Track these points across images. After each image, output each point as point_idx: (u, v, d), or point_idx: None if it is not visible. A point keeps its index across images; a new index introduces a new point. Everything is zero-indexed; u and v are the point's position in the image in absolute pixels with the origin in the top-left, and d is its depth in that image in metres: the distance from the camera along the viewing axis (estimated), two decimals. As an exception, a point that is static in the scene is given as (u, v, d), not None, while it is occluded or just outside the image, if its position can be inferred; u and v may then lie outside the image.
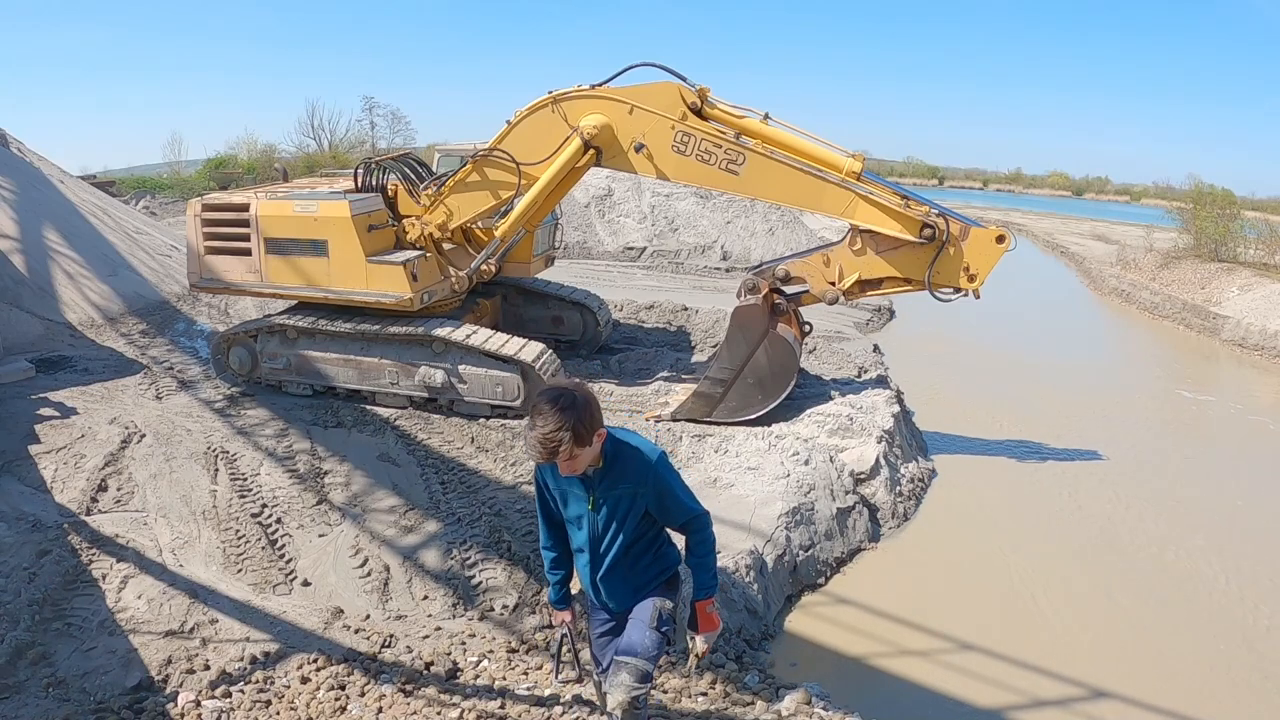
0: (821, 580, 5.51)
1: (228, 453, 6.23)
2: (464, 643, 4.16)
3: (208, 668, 3.80)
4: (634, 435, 2.78)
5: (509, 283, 8.92)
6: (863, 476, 6.40)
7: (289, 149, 33.29)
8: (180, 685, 3.69)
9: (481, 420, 7.11)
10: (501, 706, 3.64)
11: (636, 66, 6.81)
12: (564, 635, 3.06)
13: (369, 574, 4.75)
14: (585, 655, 3.17)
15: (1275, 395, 11.31)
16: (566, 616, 3.08)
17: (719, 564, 4.77)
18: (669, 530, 2.88)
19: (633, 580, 2.85)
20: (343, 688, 3.71)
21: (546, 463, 2.50)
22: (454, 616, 4.43)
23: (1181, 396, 10.86)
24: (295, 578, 4.66)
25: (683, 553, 2.91)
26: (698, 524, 2.80)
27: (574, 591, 3.14)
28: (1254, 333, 13.67)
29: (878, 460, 6.47)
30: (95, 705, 3.51)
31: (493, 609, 4.48)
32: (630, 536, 2.76)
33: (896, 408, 7.48)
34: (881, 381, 8.33)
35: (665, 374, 8.36)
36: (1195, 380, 12.21)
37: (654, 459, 2.71)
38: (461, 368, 7.06)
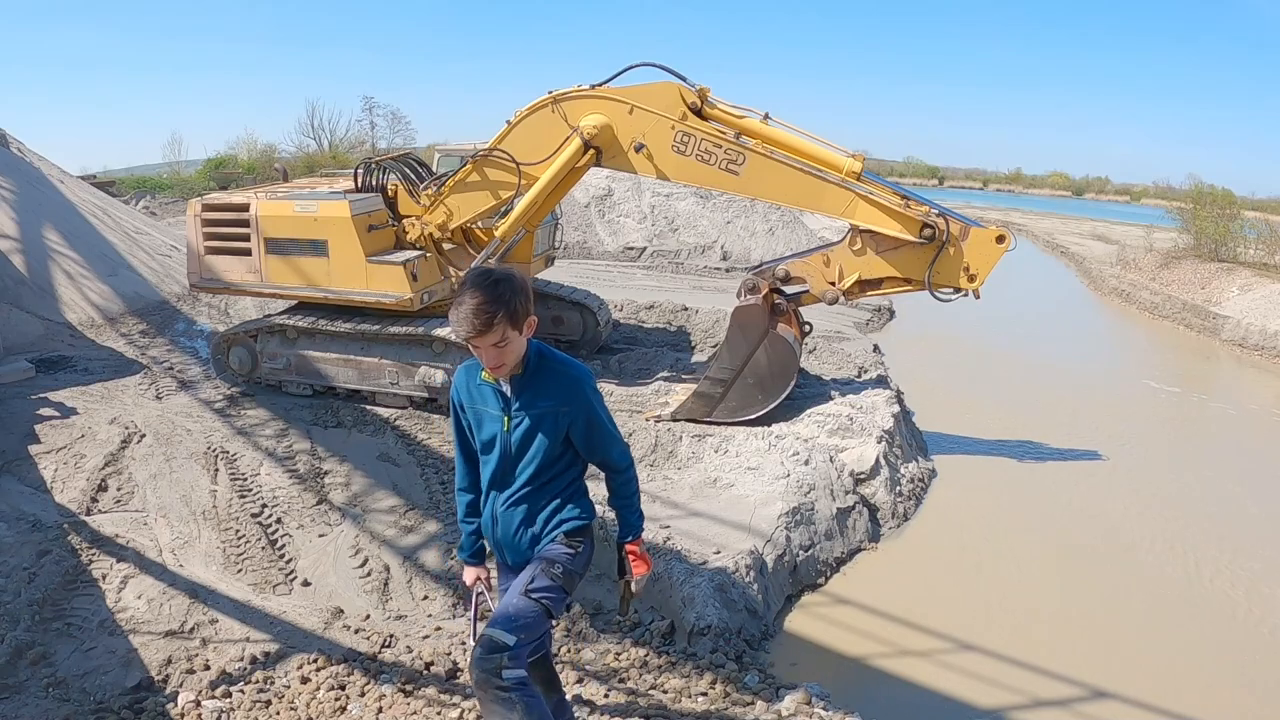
0: (821, 580, 5.51)
1: (228, 453, 6.23)
2: (464, 643, 4.15)
3: (208, 668, 3.80)
4: (559, 351, 2.58)
5: (509, 283, 8.91)
6: (863, 476, 6.40)
7: (289, 149, 33.30)
8: (180, 685, 3.68)
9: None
10: (482, 603, 3.62)
11: (636, 66, 6.81)
12: (479, 595, 2.79)
13: (369, 574, 4.75)
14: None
15: (1276, 395, 11.31)
16: (481, 573, 2.82)
17: (718, 564, 4.79)
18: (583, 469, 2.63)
19: (532, 521, 2.55)
20: (343, 688, 3.71)
21: (473, 340, 2.28)
22: (454, 616, 4.43)
23: (1181, 396, 10.85)
24: (295, 578, 4.66)
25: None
26: (623, 461, 2.61)
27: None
28: (1254, 333, 13.67)
29: (878, 460, 6.47)
30: (95, 705, 3.51)
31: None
32: (543, 461, 2.49)
33: (896, 408, 7.48)
34: (881, 381, 8.33)
35: (665, 374, 8.36)
36: (1195, 380, 12.21)
37: (584, 377, 2.51)
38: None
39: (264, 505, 5.44)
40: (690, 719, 3.70)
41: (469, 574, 2.85)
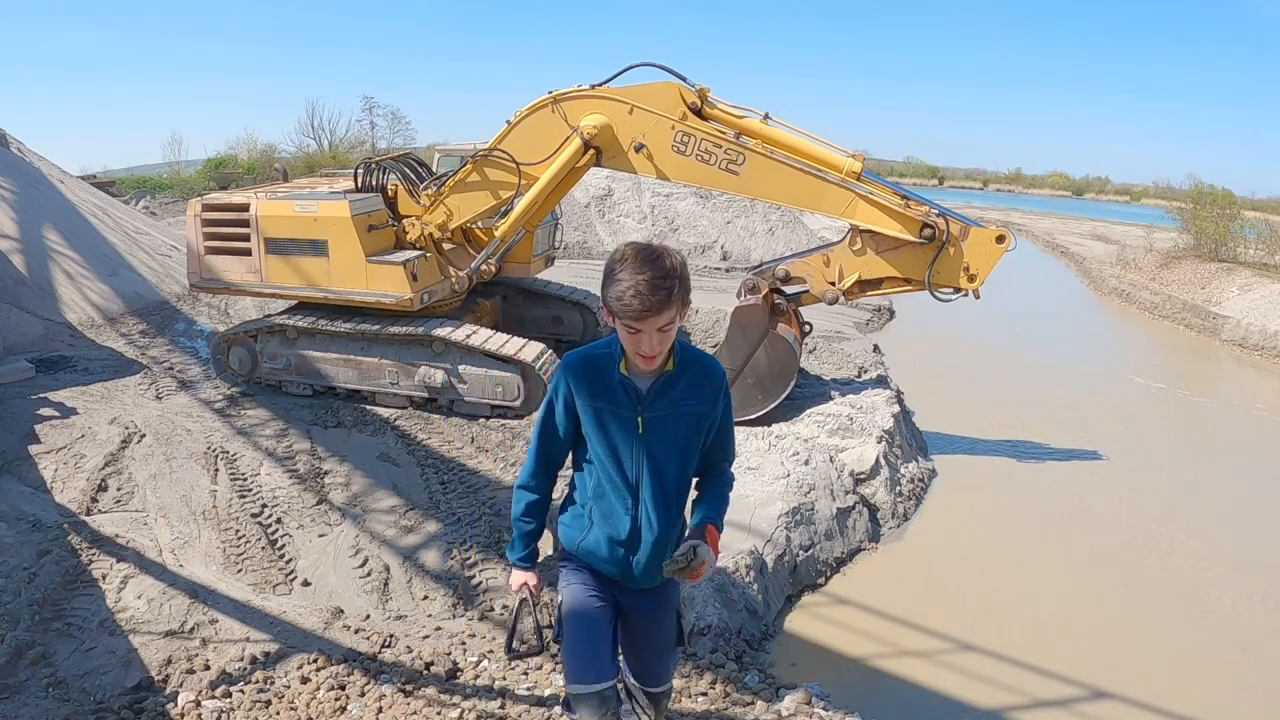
0: (821, 580, 5.51)
1: (228, 453, 6.23)
2: (464, 643, 4.16)
3: (208, 668, 3.80)
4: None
5: (509, 283, 8.92)
6: (863, 476, 6.40)
7: (289, 149, 33.34)
8: (180, 685, 3.68)
9: (481, 420, 7.11)
10: (501, 706, 3.64)
11: (636, 66, 6.81)
12: (523, 601, 2.51)
13: (369, 574, 4.75)
14: (538, 624, 2.59)
15: (1276, 395, 11.31)
16: (531, 580, 2.51)
17: (718, 564, 4.78)
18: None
19: (672, 547, 2.29)
20: (343, 688, 3.71)
21: (643, 321, 1.97)
22: (454, 616, 4.43)
23: (1182, 396, 10.85)
24: (295, 578, 4.66)
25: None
26: (730, 469, 2.46)
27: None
28: (1254, 333, 13.67)
29: (878, 460, 6.47)
30: (95, 705, 3.50)
31: (493, 609, 4.48)
32: (686, 470, 2.28)
33: (896, 408, 7.48)
34: (881, 381, 8.33)
35: (665, 374, 8.35)
36: (1195, 380, 12.20)
37: (721, 370, 2.27)
38: (461, 368, 7.06)
39: (264, 505, 5.44)
40: (690, 719, 3.70)
41: (518, 578, 2.53)
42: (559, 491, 2.54)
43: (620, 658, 2.52)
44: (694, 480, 2.40)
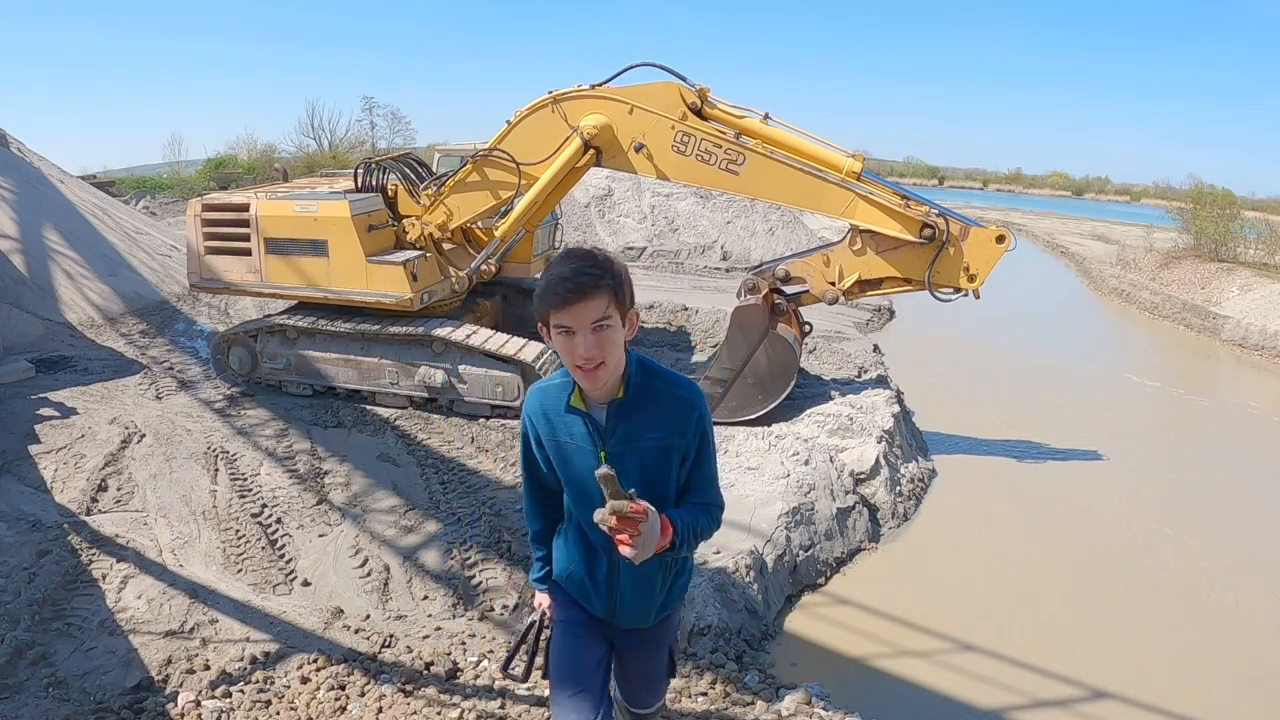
0: (821, 580, 5.51)
1: (228, 453, 6.23)
2: (464, 643, 4.16)
3: (208, 668, 3.80)
4: (661, 365, 2.10)
5: (509, 283, 8.92)
6: (863, 476, 6.40)
7: (289, 149, 33.34)
8: (180, 685, 3.68)
9: (481, 420, 7.11)
10: (501, 706, 3.64)
11: (636, 66, 6.81)
12: (533, 624, 2.44)
13: (369, 574, 4.75)
14: (531, 654, 2.52)
15: (1276, 395, 11.31)
16: (545, 602, 2.44)
17: (718, 564, 4.79)
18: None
19: (653, 585, 2.19)
20: (343, 688, 3.71)
21: (569, 310, 1.82)
22: (454, 616, 4.43)
23: (1181, 396, 10.85)
24: (295, 578, 4.66)
25: None
26: (719, 504, 2.16)
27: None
28: (1254, 333, 13.67)
29: (878, 460, 6.47)
30: (95, 705, 3.51)
31: (493, 609, 4.48)
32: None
33: (896, 408, 7.48)
34: (881, 381, 8.33)
35: (665, 374, 8.35)
36: (1195, 380, 12.20)
37: (698, 398, 2.04)
38: (461, 368, 7.06)
39: (264, 505, 5.44)
40: (690, 719, 3.70)
41: (538, 597, 2.52)
42: None
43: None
44: None
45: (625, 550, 1.81)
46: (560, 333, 1.88)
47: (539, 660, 2.41)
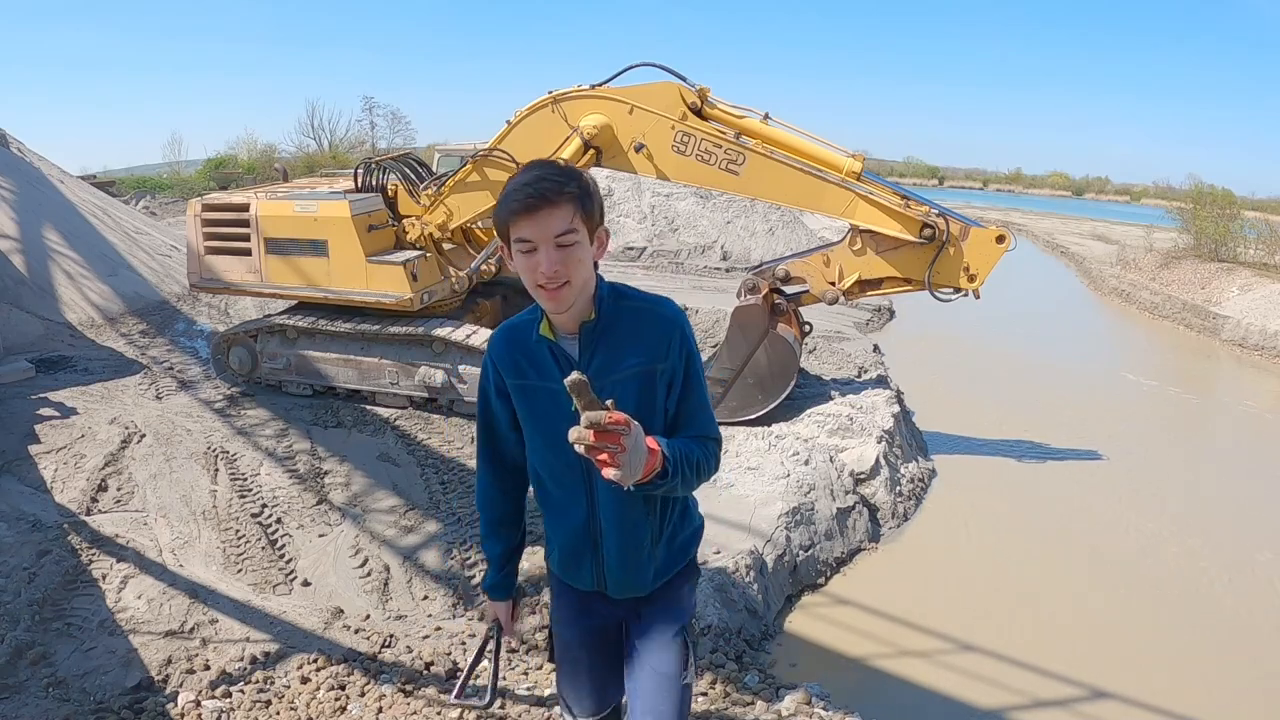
0: (821, 580, 5.51)
1: (228, 453, 6.23)
2: (464, 643, 4.16)
3: (208, 668, 3.80)
4: (637, 289, 1.91)
5: (509, 283, 8.92)
6: (863, 476, 6.40)
7: (289, 149, 33.36)
8: (180, 685, 3.68)
9: (481, 420, 7.10)
10: (501, 706, 3.64)
11: (636, 66, 6.81)
12: (490, 636, 2.21)
13: (369, 574, 4.75)
14: (495, 675, 2.31)
15: (1276, 395, 11.31)
16: (502, 614, 2.20)
17: (718, 564, 4.79)
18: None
19: (644, 541, 1.92)
20: (343, 688, 3.71)
21: (529, 220, 1.66)
22: (454, 616, 4.43)
23: (1182, 396, 10.85)
24: (295, 578, 4.66)
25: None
26: (717, 434, 1.91)
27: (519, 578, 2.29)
28: (1254, 333, 13.67)
29: (878, 460, 6.47)
30: (95, 705, 3.51)
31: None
32: None
33: (896, 408, 7.48)
34: (881, 381, 8.33)
35: (665, 374, 8.35)
36: (1195, 380, 12.21)
37: (678, 316, 1.85)
38: (461, 368, 7.06)
39: (264, 505, 5.44)
40: (690, 719, 3.70)
41: (488, 610, 2.24)
42: None
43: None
44: None
45: (609, 473, 1.54)
46: (521, 248, 1.71)
47: (502, 678, 2.19)
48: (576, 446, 1.53)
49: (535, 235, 1.68)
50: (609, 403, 1.54)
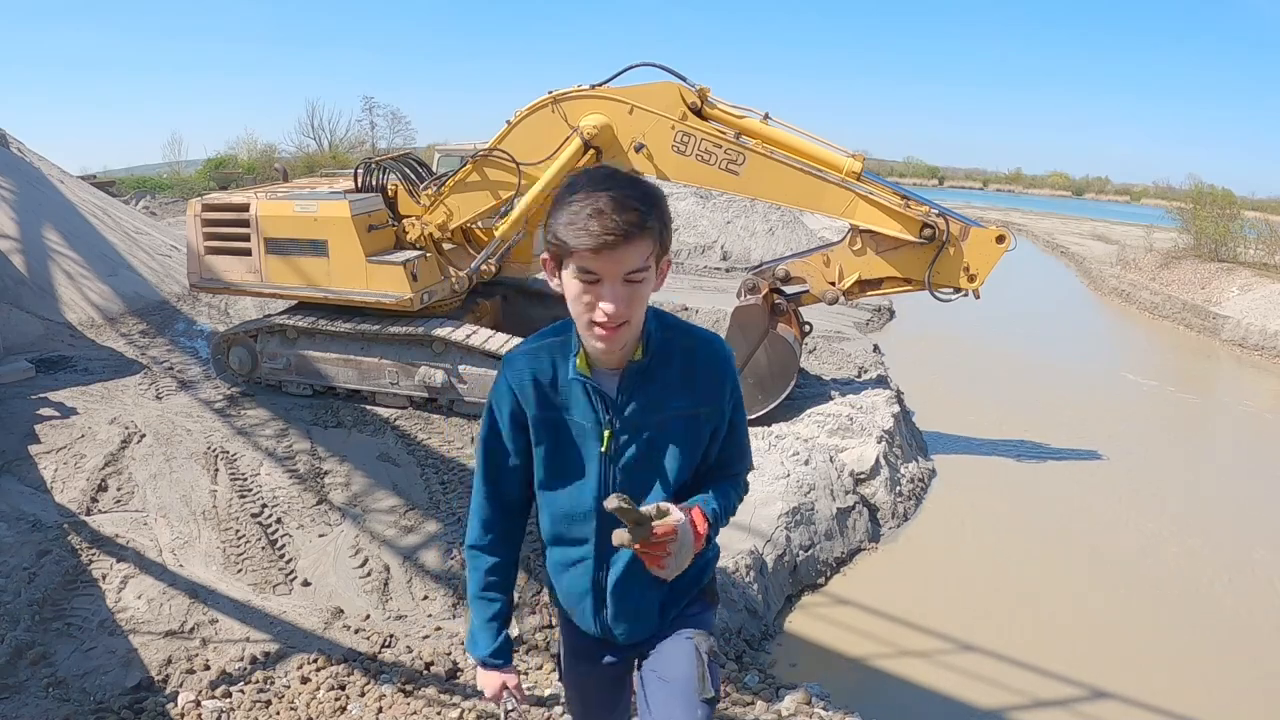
0: (821, 580, 5.51)
1: (228, 453, 6.23)
2: (464, 643, 4.15)
3: (208, 668, 3.80)
4: (680, 318, 1.74)
5: (509, 283, 8.91)
6: (863, 476, 6.40)
7: (289, 149, 33.34)
8: (180, 685, 3.68)
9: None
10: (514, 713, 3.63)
11: (636, 66, 6.81)
12: (509, 712, 1.94)
13: (369, 574, 4.75)
14: None
15: (1275, 395, 11.31)
16: (511, 680, 1.90)
17: (718, 564, 4.78)
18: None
19: (661, 591, 1.77)
20: (343, 688, 3.71)
21: (604, 255, 1.44)
22: (454, 616, 4.43)
23: (1182, 396, 10.85)
24: (295, 578, 4.66)
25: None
26: (746, 478, 1.86)
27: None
28: (1254, 333, 13.67)
29: (878, 460, 6.47)
30: (95, 705, 3.51)
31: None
32: (674, 492, 1.68)
33: (896, 408, 7.48)
34: (881, 381, 8.33)
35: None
36: (1195, 380, 12.21)
37: (730, 357, 1.73)
38: (461, 368, 7.06)
39: (264, 505, 5.44)
40: None
41: (490, 681, 1.90)
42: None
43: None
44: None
45: (656, 572, 1.54)
46: (582, 280, 1.49)
47: None
48: (620, 546, 1.53)
49: (603, 271, 1.47)
50: (653, 508, 1.50)
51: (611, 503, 1.45)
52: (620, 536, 1.51)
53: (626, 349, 1.59)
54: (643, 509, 1.52)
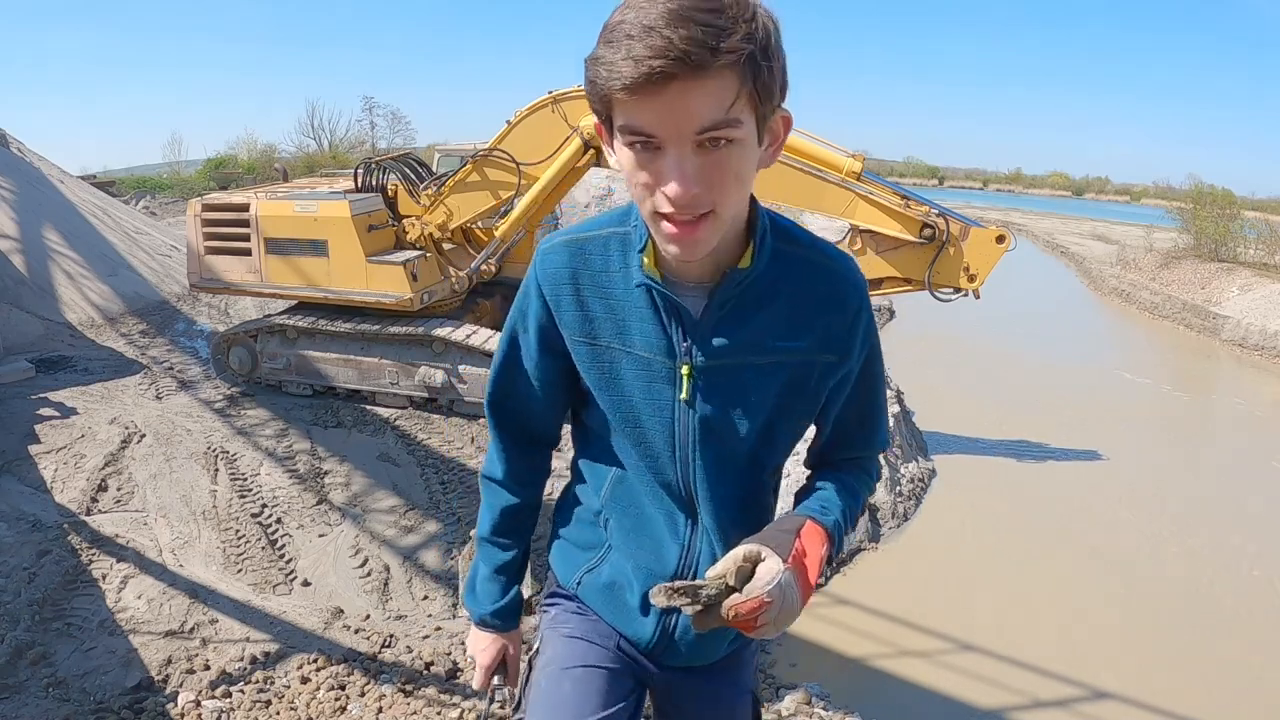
0: (821, 580, 5.50)
1: (228, 453, 6.23)
2: (464, 643, 4.15)
3: (208, 668, 3.80)
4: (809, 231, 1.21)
5: (509, 283, 8.91)
6: (863, 476, 6.39)
7: (289, 149, 33.35)
8: (180, 685, 3.68)
9: (481, 420, 7.08)
10: (502, 707, 3.63)
11: (636, 66, 6.80)
12: (493, 691, 1.51)
13: (369, 574, 4.75)
14: None
15: (1276, 395, 11.31)
16: (509, 650, 1.50)
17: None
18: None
19: None
20: (343, 688, 3.71)
21: (656, 91, 0.90)
22: (454, 616, 4.43)
23: (1182, 397, 10.85)
24: (295, 578, 4.67)
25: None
26: (885, 445, 1.37)
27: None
28: (1254, 333, 13.67)
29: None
30: (95, 705, 3.50)
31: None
32: (770, 460, 1.25)
33: (896, 408, 7.48)
34: (881, 381, 8.32)
35: (665, 374, 8.35)
36: (1195, 380, 12.20)
37: (863, 285, 1.20)
38: (461, 368, 7.06)
39: (264, 505, 5.44)
40: None
41: (483, 647, 1.48)
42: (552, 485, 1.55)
43: None
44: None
45: (758, 634, 1.10)
46: (630, 142, 0.99)
47: None
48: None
49: (660, 127, 0.95)
50: (733, 563, 1.07)
51: (660, 599, 1.06)
52: (699, 624, 1.09)
53: (718, 253, 1.09)
54: (712, 576, 1.08)
